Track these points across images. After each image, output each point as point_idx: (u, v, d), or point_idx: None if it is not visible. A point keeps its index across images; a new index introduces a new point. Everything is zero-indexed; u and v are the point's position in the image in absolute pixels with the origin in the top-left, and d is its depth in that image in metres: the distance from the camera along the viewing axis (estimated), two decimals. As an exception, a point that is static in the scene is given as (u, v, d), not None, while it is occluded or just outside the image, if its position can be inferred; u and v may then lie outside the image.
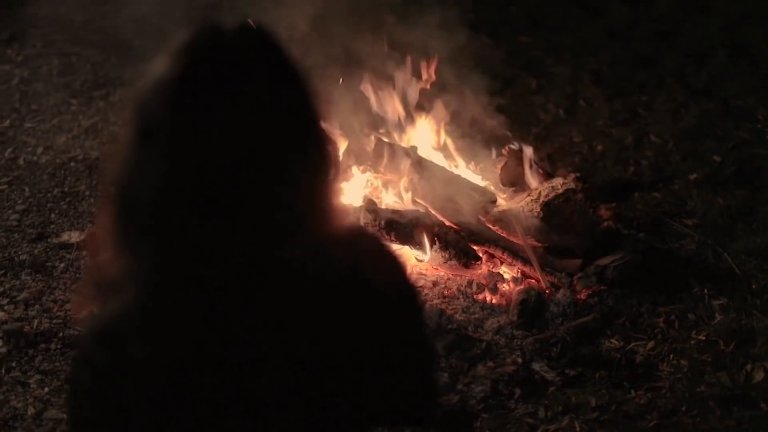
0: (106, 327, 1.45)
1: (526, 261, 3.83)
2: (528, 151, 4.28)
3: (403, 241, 3.81)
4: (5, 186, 4.88)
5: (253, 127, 1.35)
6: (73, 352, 3.45)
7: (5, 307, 3.84)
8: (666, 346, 3.50)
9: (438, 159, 4.31)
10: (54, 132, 5.47)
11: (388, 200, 4.12)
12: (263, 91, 1.37)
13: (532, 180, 4.26)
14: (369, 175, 4.19)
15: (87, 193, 4.83)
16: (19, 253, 4.26)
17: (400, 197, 4.08)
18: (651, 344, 3.52)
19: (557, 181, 4.07)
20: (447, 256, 3.79)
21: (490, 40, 6.27)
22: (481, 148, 4.55)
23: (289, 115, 1.41)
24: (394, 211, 3.93)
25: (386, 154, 4.08)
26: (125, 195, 1.38)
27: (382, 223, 3.82)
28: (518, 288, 3.78)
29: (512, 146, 4.38)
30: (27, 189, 4.86)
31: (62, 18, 7.00)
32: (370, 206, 3.90)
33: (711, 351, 3.44)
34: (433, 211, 4.00)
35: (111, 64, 6.30)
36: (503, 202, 4.19)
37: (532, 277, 3.84)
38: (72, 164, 5.11)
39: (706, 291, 3.75)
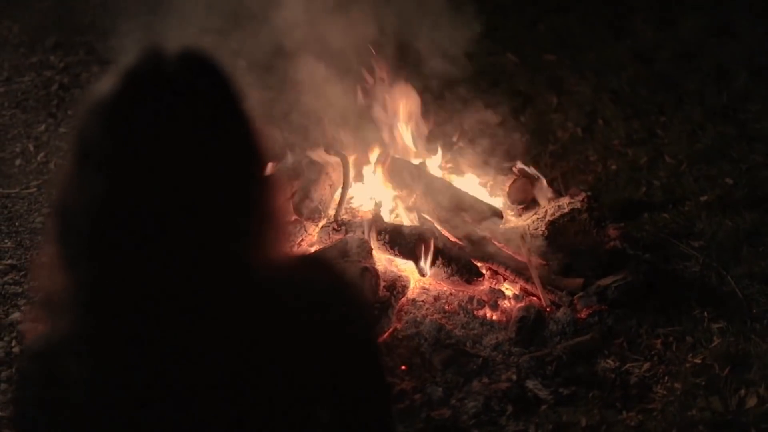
0: (44, 347, 1.50)
1: (528, 278, 3.88)
2: (533, 168, 4.34)
3: (406, 255, 3.87)
4: (34, 189, 5.03)
5: (190, 150, 1.38)
6: (14, 371, 3.55)
7: (22, 308, 3.96)
8: (661, 368, 3.53)
9: (447, 175, 4.36)
10: (86, 138, 5.59)
11: (395, 215, 4.18)
12: (201, 115, 1.40)
13: (541, 198, 4.31)
14: (377, 189, 4.25)
15: (113, 198, 4.95)
16: (42, 255, 4.38)
17: (407, 212, 4.14)
18: (647, 366, 3.55)
19: (564, 201, 4.12)
20: (449, 271, 3.85)
21: (516, 58, 6.31)
22: (494, 165, 4.59)
23: (227, 140, 1.43)
24: (399, 226, 3.99)
25: (394, 169, 4.14)
26: (65, 216, 1.42)
27: (386, 237, 3.89)
28: (519, 305, 3.82)
29: (522, 164, 4.43)
30: (55, 193, 4.99)
31: (106, 26, 7.15)
32: (376, 220, 3.96)
33: (706, 375, 3.45)
34: (438, 227, 4.06)
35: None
36: (511, 219, 4.24)
37: (533, 295, 3.89)
38: (100, 169, 5.23)
39: (706, 314, 3.76)
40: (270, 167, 1.55)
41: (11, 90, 6.25)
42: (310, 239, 4.15)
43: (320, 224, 4.15)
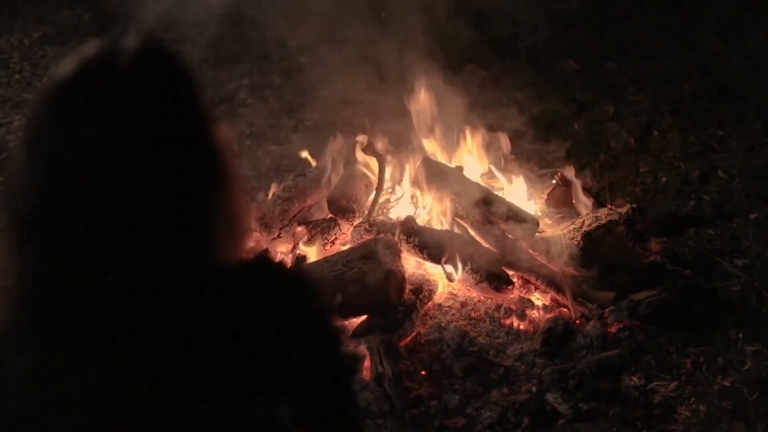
0: None
1: (559, 289, 3.79)
2: (573, 177, 4.24)
3: (435, 260, 3.82)
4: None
5: (139, 144, 1.35)
6: None
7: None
8: (688, 389, 3.41)
9: (486, 179, 4.30)
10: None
11: (429, 218, 4.13)
12: (153, 109, 1.37)
13: (580, 207, 4.23)
14: (412, 191, 4.20)
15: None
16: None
17: (441, 216, 4.08)
18: (673, 385, 3.44)
19: (602, 211, 4.03)
20: (478, 278, 3.78)
21: (577, 65, 6.21)
22: (537, 171, 4.50)
23: (180, 134, 1.40)
24: (430, 230, 3.94)
25: (429, 172, 4.09)
26: (11, 206, 1.40)
27: (416, 240, 3.84)
28: (547, 316, 3.74)
29: (563, 172, 4.34)
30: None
31: (173, 17, 7.19)
32: (408, 223, 3.92)
33: (733, 398, 3.33)
34: (471, 232, 4.00)
35: (210, 65, 6.41)
36: (548, 227, 4.16)
37: (564, 306, 3.80)
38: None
39: (741, 335, 3.63)
40: (230, 164, 1.52)
41: (71, 77, 6.33)
42: (344, 238, 4.13)
43: (354, 223, 4.12)
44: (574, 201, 4.25)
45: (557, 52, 6.39)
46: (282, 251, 4.12)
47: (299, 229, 4.15)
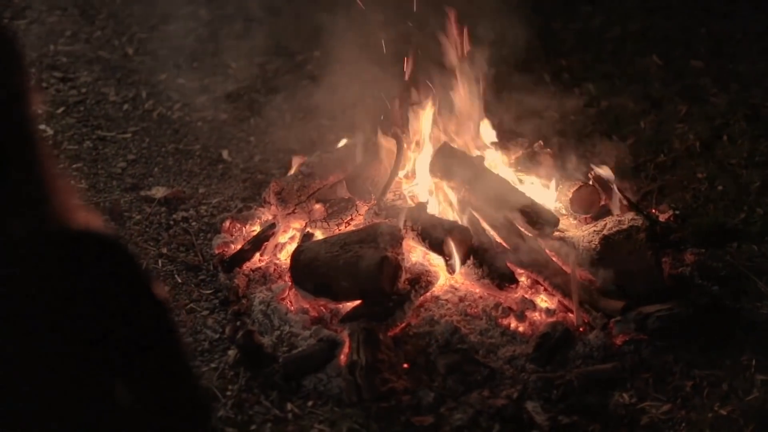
0: None
1: (566, 293, 3.58)
2: (609, 176, 4.00)
3: (436, 250, 3.66)
4: (129, 134, 5.13)
5: None
6: None
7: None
8: (681, 413, 3.18)
9: (509, 173, 4.10)
10: (199, 91, 5.66)
11: (441, 206, 3.97)
12: None
13: (613, 208, 3.99)
14: (428, 178, 4.04)
15: (198, 153, 4.98)
16: (108, 199, 4.45)
17: (455, 205, 3.91)
18: (666, 407, 3.21)
19: (626, 216, 3.79)
20: (480, 273, 3.61)
21: (661, 60, 5.87)
22: (573, 168, 4.25)
23: None
24: (436, 219, 3.77)
25: (446, 159, 3.92)
26: None
27: (419, 228, 3.69)
28: (549, 320, 3.54)
29: (598, 170, 4.09)
30: (147, 140, 5.08)
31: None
32: (414, 210, 3.77)
33: (727, 429, 3.09)
34: (484, 225, 3.82)
35: (287, 34, 6.34)
36: (570, 228, 3.93)
37: (570, 311, 3.58)
38: (198, 123, 5.29)
39: (754, 362, 3.36)
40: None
41: (152, 37, 6.37)
42: (360, 219, 4.02)
43: (370, 206, 4.00)
44: (603, 202, 4.00)
45: (643, 46, 6.06)
46: (295, 227, 4.03)
47: (317, 206, 4.05)
